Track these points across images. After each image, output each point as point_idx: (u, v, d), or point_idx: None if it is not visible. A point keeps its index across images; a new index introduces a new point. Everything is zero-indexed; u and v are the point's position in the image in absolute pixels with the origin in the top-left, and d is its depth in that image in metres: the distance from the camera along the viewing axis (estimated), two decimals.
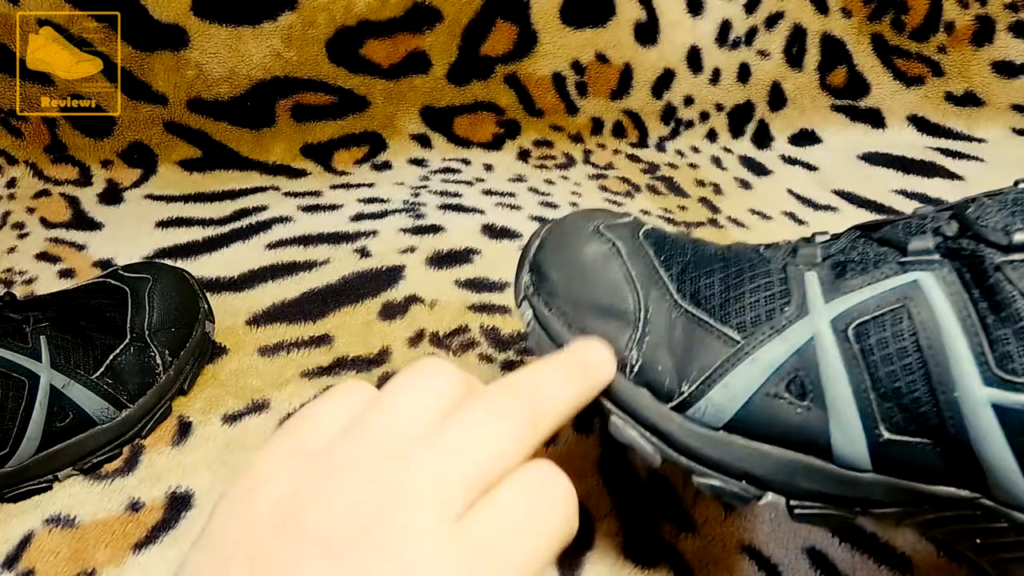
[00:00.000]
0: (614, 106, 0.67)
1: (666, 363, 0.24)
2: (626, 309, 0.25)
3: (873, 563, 0.29)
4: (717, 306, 0.24)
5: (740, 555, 0.29)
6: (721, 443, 0.23)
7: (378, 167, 0.62)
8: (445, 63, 0.62)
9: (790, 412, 0.22)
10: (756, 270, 0.25)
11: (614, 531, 0.30)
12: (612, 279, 0.25)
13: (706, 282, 0.25)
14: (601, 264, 0.26)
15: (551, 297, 0.26)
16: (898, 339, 0.21)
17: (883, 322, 0.22)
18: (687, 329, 0.24)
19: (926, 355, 0.21)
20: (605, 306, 0.25)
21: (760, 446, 0.23)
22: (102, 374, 0.33)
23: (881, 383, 0.21)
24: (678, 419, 0.24)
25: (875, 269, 0.23)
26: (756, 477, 0.23)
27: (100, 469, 0.33)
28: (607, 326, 0.25)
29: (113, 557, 0.29)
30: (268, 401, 0.36)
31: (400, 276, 0.46)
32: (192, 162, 0.60)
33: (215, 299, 0.43)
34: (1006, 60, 0.71)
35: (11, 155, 0.58)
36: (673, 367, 0.24)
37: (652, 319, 0.24)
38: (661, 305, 0.25)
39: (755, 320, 0.23)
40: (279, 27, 0.57)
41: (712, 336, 0.24)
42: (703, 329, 0.24)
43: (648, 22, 0.64)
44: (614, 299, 0.25)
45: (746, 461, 0.23)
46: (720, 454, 0.23)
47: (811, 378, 0.22)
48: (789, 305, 0.23)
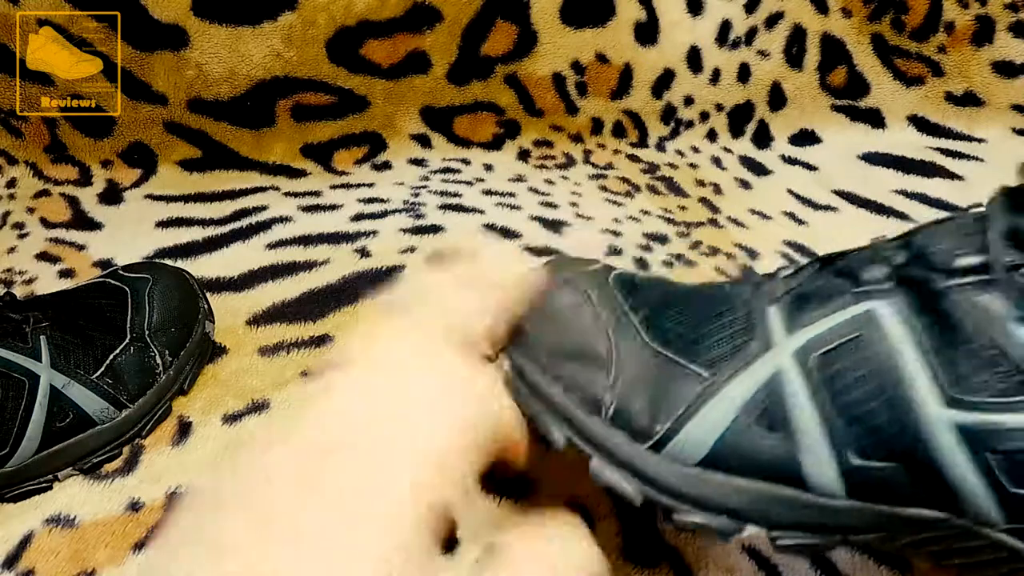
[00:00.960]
0: (614, 106, 0.67)
1: (640, 404, 0.24)
2: (598, 354, 0.25)
3: (873, 563, 0.29)
4: (685, 345, 0.25)
5: (740, 555, 0.29)
6: (699, 480, 0.23)
7: (378, 167, 0.62)
8: (445, 63, 0.62)
9: (763, 444, 0.23)
10: (721, 308, 0.26)
11: (614, 531, 0.30)
12: (583, 326, 0.26)
13: (674, 322, 0.26)
14: (572, 312, 0.26)
15: (527, 348, 0.25)
16: (858, 368, 0.22)
17: (842, 352, 0.22)
18: (658, 368, 0.24)
19: (885, 382, 0.22)
20: (578, 352, 0.25)
21: (737, 480, 0.23)
22: (102, 374, 0.33)
23: (846, 410, 0.22)
24: (655, 459, 0.24)
25: (831, 301, 0.24)
26: (736, 511, 0.23)
27: (100, 469, 0.33)
28: (581, 371, 0.25)
29: (113, 557, 0.29)
30: (268, 401, 0.36)
31: (400, 276, 0.46)
32: (192, 162, 0.60)
33: (215, 299, 0.43)
34: (1006, 60, 0.71)
35: (11, 155, 0.58)
36: (647, 407, 0.24)
37: (624, 361, 0.25)
38: (632, 347, 0.25)
39: (722, 357, 0.24)
40: (279, 27, 0.57)
41: (682, 374, 0.24)
42: (673, 367, 0.24)
43: (648, 22, 0.64)
44: (586, 345, 0.25)
45: (725, 496, 0.23)
46: (699, 490, 0.23)
47: (779, 409, 0.23)
48: (754, 340, 0.24)
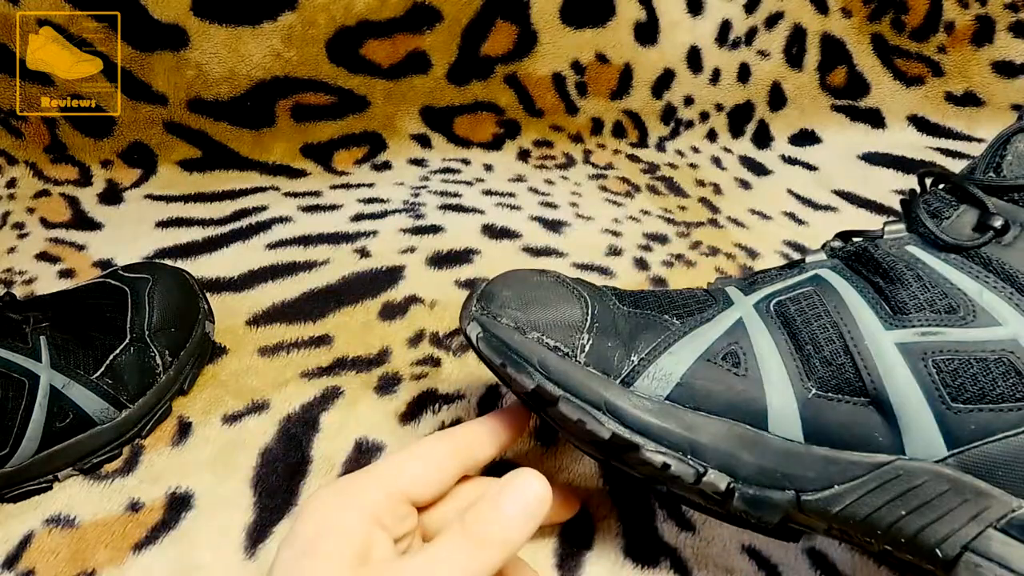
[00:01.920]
0: (614, 106, 0.67)
1: (613, 343, 0.26)
2: (574, 308, 0.27)
3: (873, 563, 0.29)
4: (657, 306, 0.27)
5: (740, 555, 0.29)
6: (666, 413, 0.25)
7: (378, 167, 0.62)
8: (445, 63, 0.62)
9: (727, 380, 0.25)
10: (683, 292, 0.28)
11: (614, 531, 0.30)
12: (561, 292, 0.28)
13: (644, 298, 0.28)
14: (550, 283, 0.28)
15: (501, 309, 0.27)
16: (811, 310, 0.25)
17: (796, 299, 0.26)
18: (631, 320, 0.27)
19: (835, 319, 0.24)
20: (553, 306, 0.27)
21: (703, 416, 0.25)
22: (102, 374, 0.33)
23: (804, 342, 0.25)
24: (624, 393, 0.25)
25: (780, 276, 0.27)
26: (700, 448, 0.24)
27: (100, 469, 0.33)
28: (556, 322, 0.26)
29: (113, 557, 0.29)
30: (268, 401, 0.36)
31: (400, 276, 0.46)
32: (192, 162, 0.60)
33: (215, 299, 0.43)
34: (1006, 60, 0.71)
35: (11, 155, 0.58)
36: (619, 346, 0.26)
37: (599, 314, 0.27)
38: (607, 306, 0.27)
39: (689, 312, 0.27)
40: (279, 27, 0.57)
41: (654, 322, 0.26)
42: (646, 318, 0.27)
43: (648, 22, 0.64)
44: (562, 302, 0.27)
45: (689, 431, 0.24)
46: (666, 423, 0.24)
47: (743, 348, 0.25)
48: (715, 304, 0.27)
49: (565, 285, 0.28)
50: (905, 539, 0.23)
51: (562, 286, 0.28)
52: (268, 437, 0.34)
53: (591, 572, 0.29)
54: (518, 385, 0.26)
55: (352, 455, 0.33)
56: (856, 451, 0.24)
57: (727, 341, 0.25)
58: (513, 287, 0.28)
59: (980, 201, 0.25)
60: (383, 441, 0.34)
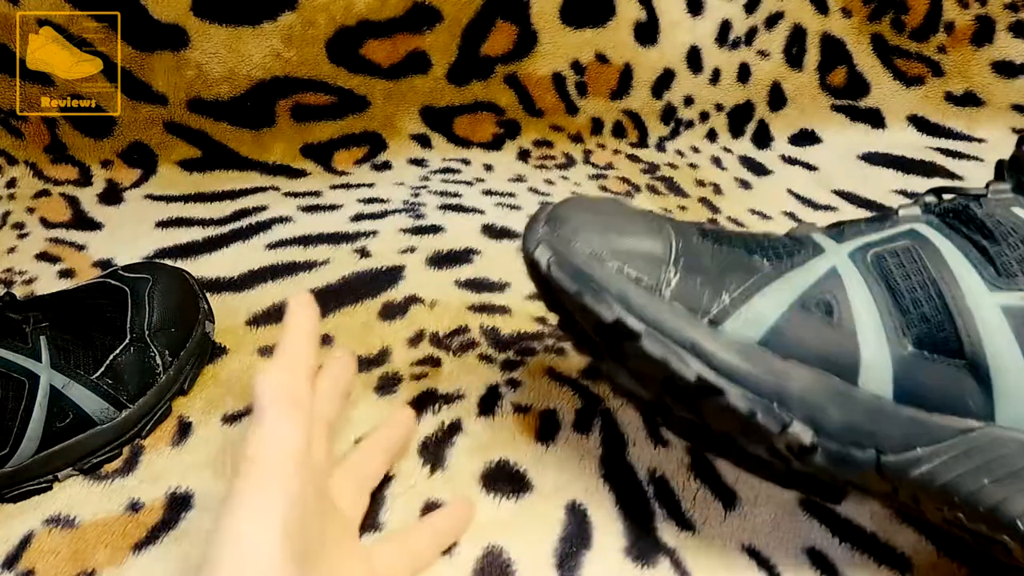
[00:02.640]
0: (614, 106, 0.67)
1: (702, 280, 0.24)
2: (659, 237, 0.25)
3: (873, 563, 0.29)
4: (746, 246, 0.26)
5: (740, 555, 0.29)
6: (755, 356, 0.23)
7: (378, 167, 0.62)
8: (445, 63, 0.62)
9: (821, 326, 0.23)
10: (767, 235, 0.27)
11: (614, 531, 0.30)
12: (642, 221, 0.26)
13: (727, 236, 0.27)
14: (628, 210, 0.26)
15: (575, 234, 0.25)
16: (909, 265, 0.24)
17: (895, 252, 0.24)
18: (719, 258, 0.25)
19: (935, 276, 0.23)
20: (636, 236, 0.25)
21: (793, 364, 0.23)
22: (102, 374, 0.33)
23: (901, 297, 0.23)
24: (712, 333, 0.24)
25: (873, 226, 0.26)
26: (786, 397, 0.23)
27: (100, 469, 0.33)
28: (639, 252, 0.24)
29: (113, 557, 0.29)
30: None
31: (400, 276, 0.46)
32: (192, 162, 0.60)
33: (215, 299, 0.43)
34: (1006, 60, 0.71)
35: (11, 155, 0.58)
36: (708, 284, 0.24)
37: (684, 248, 0.25)
38: (693, 240, 0.26)
39: (778, 255, 0.25)
40: (279, 27, 0.57)
41: (746, 261, 0.25)
42: (736, 256, 0.25)
43: (648, 22, 0.64)
44: (645, 232, 0.25)
45: (778, 378, 0.23)
46: (753, 368, 0.23)
47: (837, 299, 0.24)
48: (804, 250, 0.25)
49: (643, 214, 0.26)
50: (984, 508, 0.23)
51: (640, 214, 0.26)
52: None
53: (591, 572, 0.29)
54: (595, 317, 0.24)
55: None
56: (945, 414, 0.23)
57: (821, 288, 0.24)
58: (587, 211, 0.26)
59: None
60: None
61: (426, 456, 0.33)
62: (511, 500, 0.32)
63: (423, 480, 0.32)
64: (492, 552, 0.29)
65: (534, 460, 0.33)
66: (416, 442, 0.34)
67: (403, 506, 0.31)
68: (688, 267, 0.24)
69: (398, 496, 0.32)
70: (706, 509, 0.31)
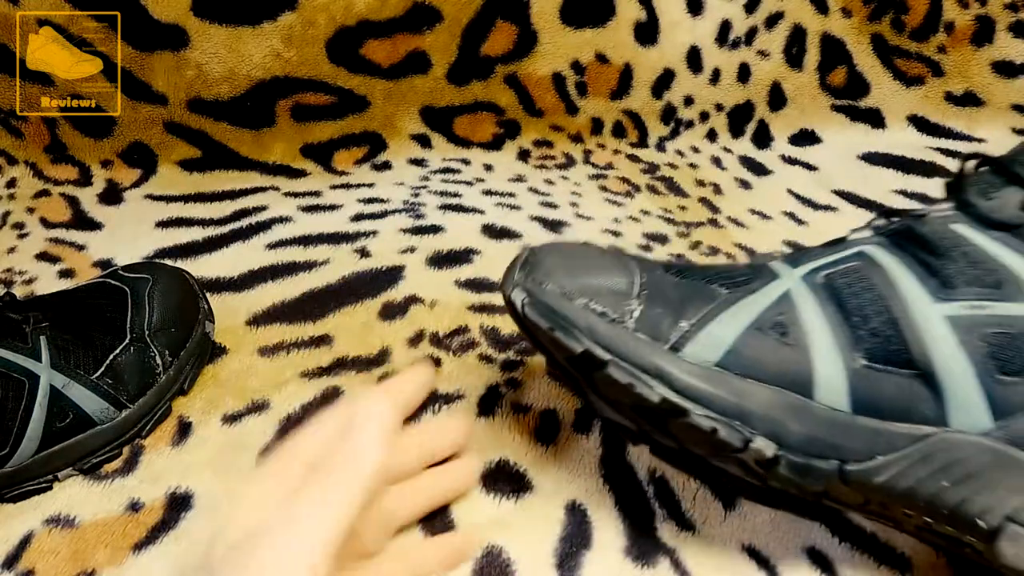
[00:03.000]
0: (614, 106, 0.67)
1: (663, 310, 0.26)
2: (624, 274, 0.27)
3: (873, 563, 0.29)
4: (705, 277, 0.28)
5: (740, 555, 0.29)
6: (716, 378, 0.25)
7: (378, 167, 0.62)
8: (445, 63, 0.62)
9: (776, 349, 0.25)
10: (728, 265, 0.29)
11: (614, 531, 0.30)
12: (607, 260, 0.28)
13: (689, 269, 0.29)
14: (596, 253, 0.29)
15: (546, 276, 0.27)
16: (859, 283, 0.26)
17: (844, 273, 0.26)
18: (680, 289, 0.27)
19: (883, 293, 0.25)
20: (602, 272, 0.27)
21: (751, 383, 0.25)
22: (102, 374, 0.33)
23: (852, 314, 0.25)
24: (674, 358, 0.25)
25: (825, 251, 0.28)
26: (748, 414, 0.24)
27: (100, 469, 0.33)
28: (605, 288, 0.27)
29: (113, 557, 0.29)
30: (268, 401, 0.36)
31: (400, 276, 0.46)
32: (192, 162, 0.60)
33: (215, 299, 0.43)
34: (1006, 60, 0.71)
35: (11, 155, 0.58)
36: (671, 312, 0.26)
37: (648, 281, 0.27)
38: (655, 274, 0.28)
39: (736, 283, 0.27)
40: (279, 27, 0.57)
41: (704, 289, 0.27)
42: (695, 285, 0.27)
43: (648, 22, 0.64)
44: (610, 270, 0.27)
45: (739, 397, 0.25)
46: (716, 388, 0.25)
47: (792, 319, 0.25)
48: (761, 277, 0.27)
49: (611, 254, 0.28)
50: (947, 510, 0.24)
51: (608, 255, 0.28)
52: (268, 437, 0.34)
53: (591, 572, 0.29)
54: (566, 350, 0.26)
55: None
56: (901, 422, 0.24)
57: (775, 311, 0.25)
58: (558, 255, 0.28)
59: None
60: None
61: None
62: (511, 500, 0.32)
63: None
64: (492, 552, 0.29)
65: (534, 460, 0.33)
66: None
67: None
68: (651, 299, 0.26)
69: None
70: (706, 509, 0.31)
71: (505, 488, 0.32)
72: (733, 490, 0.28)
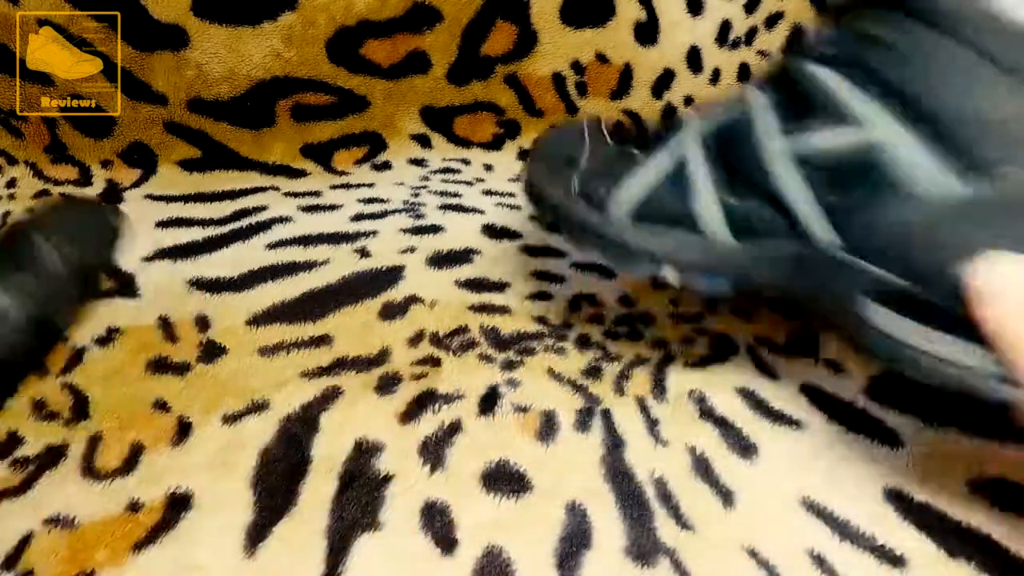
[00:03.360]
0: (614, 106, 0.67)
1: (594, 179, 0.35)
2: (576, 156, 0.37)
3: (873, 563, 0.29)
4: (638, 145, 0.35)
5: (740, 555, 0.29)
6: (631, 229, 0.33)
7: (378, 167, 0.62)
8: (445, 63, 0.62)
9: (672, 198, 0.32)
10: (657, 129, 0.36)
11: (614, 531, 0.30)
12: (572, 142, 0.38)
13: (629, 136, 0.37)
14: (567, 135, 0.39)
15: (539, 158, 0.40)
16: (734, 134, 0.31)
17: (727, 127, 0.31)
18: (614, 157, 0.35)
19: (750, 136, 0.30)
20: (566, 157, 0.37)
21: (656, 228, 0.33)
22: None
23: (724, 165, 0.31)
24: (599, 215, 0.34)
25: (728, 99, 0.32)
26: (655, 255, 0.33)
27: (98, 467, 0.33)
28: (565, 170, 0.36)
29: (112, 558, 0.29)
30: (268, 401, 0.36)
31: (400, 276, 0.46)
32: (192, 162, 0.60)
33: (215, 299, 0.43)
34: None
35: (11, 155, 0.58)
36: (598, 180, 0.35)
37: (591, 156, 0.36)
38: (600, 149, 0.36)
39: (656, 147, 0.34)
40: (279, 27, 0.57)
41: (628, 157, 0.34)
42: (624, 154, 0.35)
43: (648, 22, 0.64)
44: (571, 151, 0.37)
45: (646, 242, 0.33)
46: (633, 237, 0.33)
47: (683, 172, 0.32)
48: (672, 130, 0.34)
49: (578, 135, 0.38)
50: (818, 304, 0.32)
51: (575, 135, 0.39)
52: (268, 437, 0.34)
53: (591, 572, 0.29)
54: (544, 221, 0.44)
55: (352, 455, 0.33)
56: (769, 239, 0.30)
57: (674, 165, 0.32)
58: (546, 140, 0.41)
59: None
60: (383, 441, 0.34)
61: (426, 456, 0.33)
62: (511, 500, 0.32)
63: (423, 480, 0.32)
64: (492, 552, 0.29)
65: (534, 460, 0.33)
66: (416, 442, 0.34)
67: (403, 506, 0.31)
68: (589, 171, 0.35)
69: (398, 496, 0.32)
70: (705, 509, 0.31)
71: (505, 488, 0.32)
72: None
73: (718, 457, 0.34)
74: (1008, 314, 0.22)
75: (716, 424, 0.36)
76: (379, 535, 0.30)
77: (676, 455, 0.34)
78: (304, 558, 0.29)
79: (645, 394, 0.37)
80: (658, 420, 0.36)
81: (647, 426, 0.36)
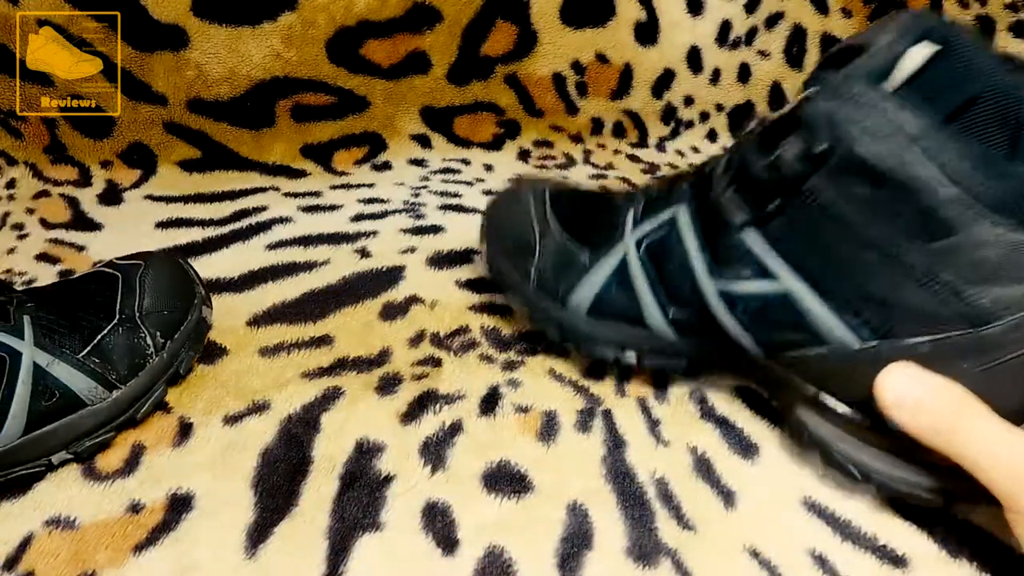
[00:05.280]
0: (614, 106, 0.67)
1: (551, 275, 0.37)
2: (530, 243, 0.38)
3: (873, 563, 0.29)
4: (581, 235, 0.37)
5: (740, 555, 0.29)
6: (589, 322, 0.36)
7: (378, 167, 0.62)
8: (445, 63, 0.62)
9: (621, 300, 0.35)
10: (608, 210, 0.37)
11: (614, 531, 0.30)
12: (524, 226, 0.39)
13: (579, 219, 0.38)
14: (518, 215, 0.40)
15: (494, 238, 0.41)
16: (666, 251, 0.33)
17: (658, 242, 0.34)
18: (563, 251, 0.37)
19: (683, 262, 0.32)
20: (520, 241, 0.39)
21: (612, 323, 0.36)
22: (88, 353, 0.33)
23: (661, 279, 0.34)
24: (562, 310, 0.37)
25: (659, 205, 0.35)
26: (617, 343, 0.36)
27: (99, 468, 0.33)
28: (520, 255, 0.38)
29: (113, 559, 0.29)
30: (269, 402, 0.36)
31: (400, 276, 0.46)
32: (192, 162, 0.60)
33: (215, 300, 0.43)
34: None
35: (11, 155, 0.58)
36: (555, 277, 0.37)
37: (545, 246, 0.38)
38: (550, 238, 0.38)
39: (598, 245, 0.36)
40: (279, 27, 0.57)
41: (576, 255, 0.37)
42: (571, 251, 0.37)
43: (648, 22, 0.64)
44: (524, 236, 0.39)
45: (607, 333, 0.36)
46: (590, 330, 0.36)
47: (627, 279, 0.35)
48: (616, 232, 0.36)
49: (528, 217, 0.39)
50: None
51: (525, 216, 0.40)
52: (269, 437, 0.34)
53: (592, 572, 0.29)
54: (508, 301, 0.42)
55: (353, 455, 0.33)
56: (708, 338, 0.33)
57: (619, 271, 0.35)
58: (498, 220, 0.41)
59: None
60: (383, 441, 0.34)
61: (427, 456, 0.33)
62: (512, 500, 0.32)
63: (424, 480, 0.32)
64: (493, 552, 0.29)
65: (535, 460, 0.33)
66: (417, 442, 0.34)
67: (404, 506, 0.31)
68: (545, 265, 0.37)
69: (399, 496, 0.32)
70: (706, 509, 0.31)
71: (506, 488, 0.32)
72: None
73: (719, 457, 0.34)
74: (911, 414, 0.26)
75: (717, 424, 0.36)
76: (380, 535, 0.30)
77: (677, 455, 0.34)
78: (305, 558, 0.29)
79: (646, 394, 0.37)
80: (659, 420, 0.36)
81: (648, 426, 0.36)
